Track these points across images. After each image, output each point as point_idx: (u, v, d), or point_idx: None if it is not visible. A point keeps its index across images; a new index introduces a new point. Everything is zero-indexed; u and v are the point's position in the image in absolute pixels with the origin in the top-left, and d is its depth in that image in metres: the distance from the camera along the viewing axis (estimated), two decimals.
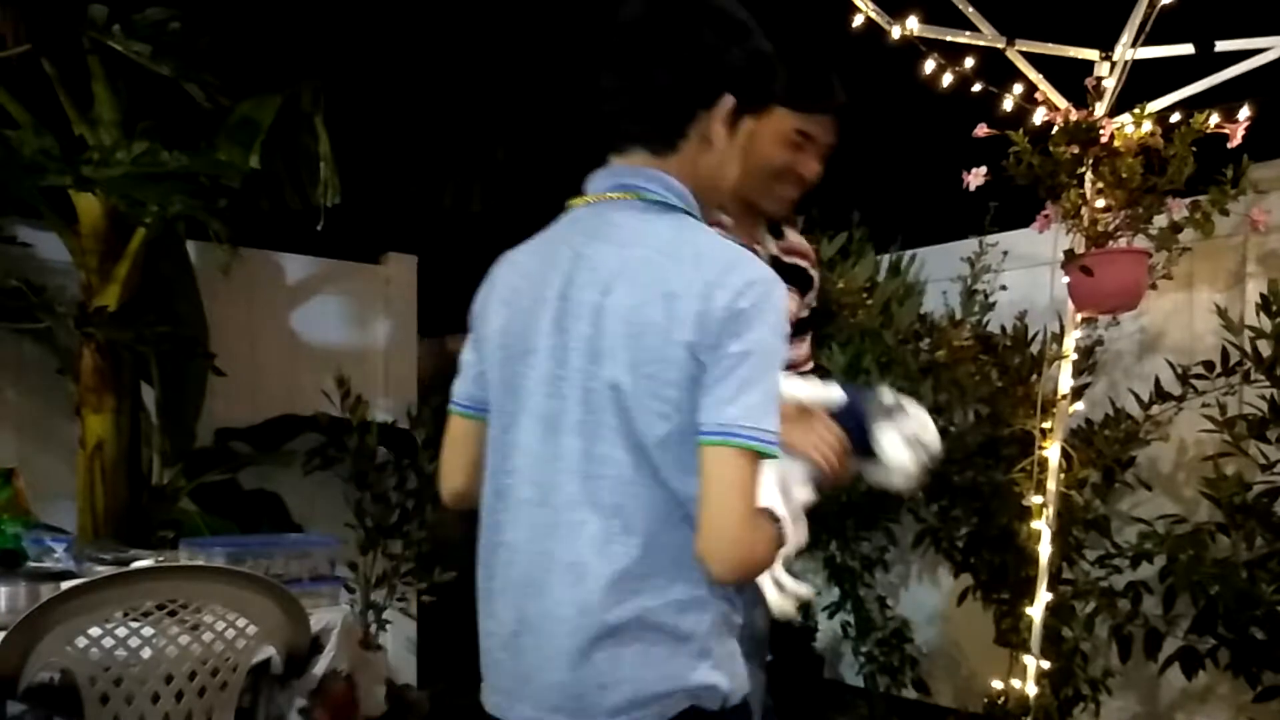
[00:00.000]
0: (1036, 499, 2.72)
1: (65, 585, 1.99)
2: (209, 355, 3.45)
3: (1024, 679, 2.67)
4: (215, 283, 3.66)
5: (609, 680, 1.13)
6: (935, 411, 3.10)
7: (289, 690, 2.13)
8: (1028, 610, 2.68)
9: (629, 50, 1.22)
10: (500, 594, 1.24)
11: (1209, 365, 2.74)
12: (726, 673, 1.18)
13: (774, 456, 1.13)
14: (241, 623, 2.00)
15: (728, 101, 1.22)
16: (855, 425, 1.45)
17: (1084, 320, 2.70)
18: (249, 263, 3.85)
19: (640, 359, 1.13)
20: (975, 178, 2.56)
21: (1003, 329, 3.09)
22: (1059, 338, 2.75)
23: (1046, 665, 2.67)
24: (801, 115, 1.78)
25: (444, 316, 5.19)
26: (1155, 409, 2.84)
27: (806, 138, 1.80)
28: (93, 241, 3.17)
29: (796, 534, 1.27)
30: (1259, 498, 2.62)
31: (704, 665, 1.16)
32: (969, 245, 3.34)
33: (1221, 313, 2.71)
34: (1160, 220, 2.49)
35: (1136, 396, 2.88)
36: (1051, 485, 2.71)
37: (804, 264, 2.00)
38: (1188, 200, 2.50)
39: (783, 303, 1.16)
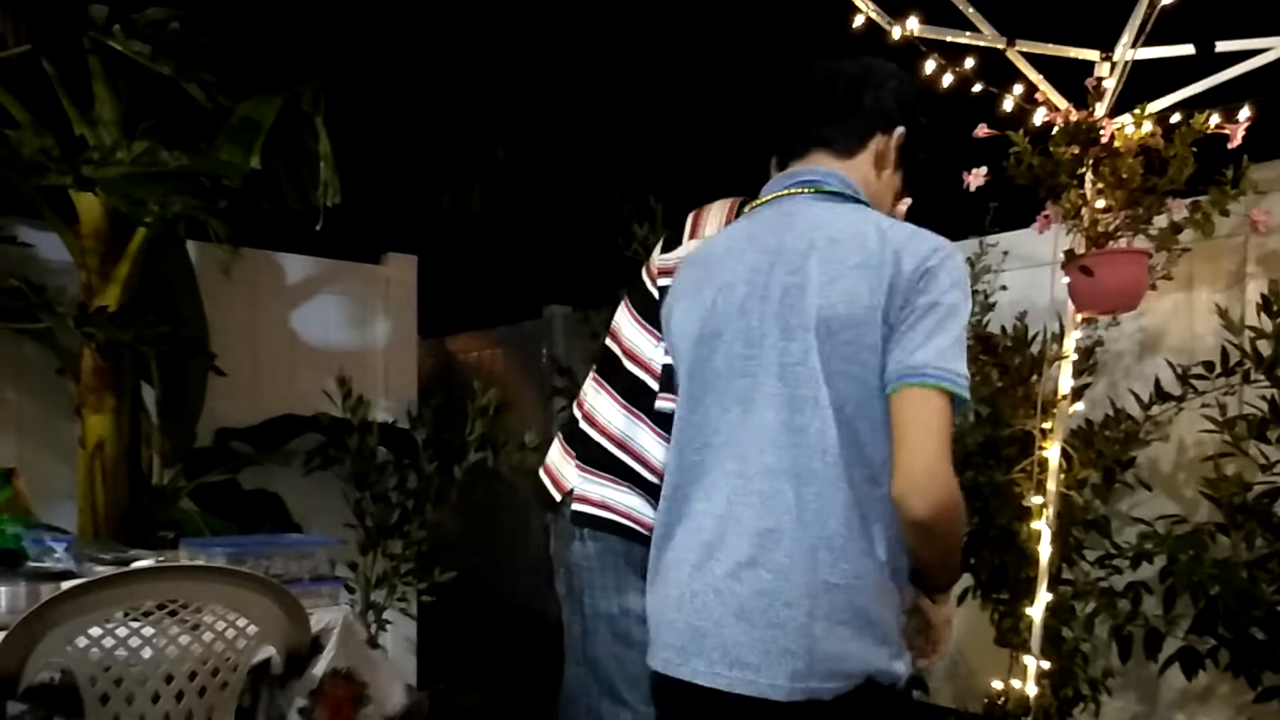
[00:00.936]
0: (1036, 499, 2.72)
1: (65, 585, 1.98)
2: (209, 355, 3.45)
3: (1024, 679, 2.67)
4: (216, 283, 3.66)
5: (795, 646, 1.16)
6: None
7: (289, 690, 2.13)
8: (1028, 610, 2.68)
9: (840, 74, 1.41)
10: (676, 563, 1.27)
11: (1209, 365, 2.74)
12: (901, 652, 1.23)
13: (966, 400, 1.20)
14: (241, 622, 2.00)
15: (900, 130, 1.41)
16: None
17: (1084, 321, 2.70)
18: (249, 263, 3.86)
19: (835, 328, 1.20)
20: (975, 178, 2.57)
21: (1003, 329, 3.09)
22: (1059, 338, 2.75)
23: (1046, 665, 2.67)
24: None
25: (444, 317, 5.21)
26: (1155, 409, 2.84)
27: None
28: (93, 241, 3.16)
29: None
30: (1259, 498, 2.62)
31: (886, 647, 1.20)
32: (969, 245, 3.34)
33: (1222, 313, 2.71)
34: (1160, 221, 2.49)
35: (1136, 397, 2.88)
36: (1051, 485, 2.71)
37: None
38: (1188, 201, 2.50)
39: (963, 266, 1.28)
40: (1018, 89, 2.59)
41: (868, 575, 1.18)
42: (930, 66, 2.54)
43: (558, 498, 1.87)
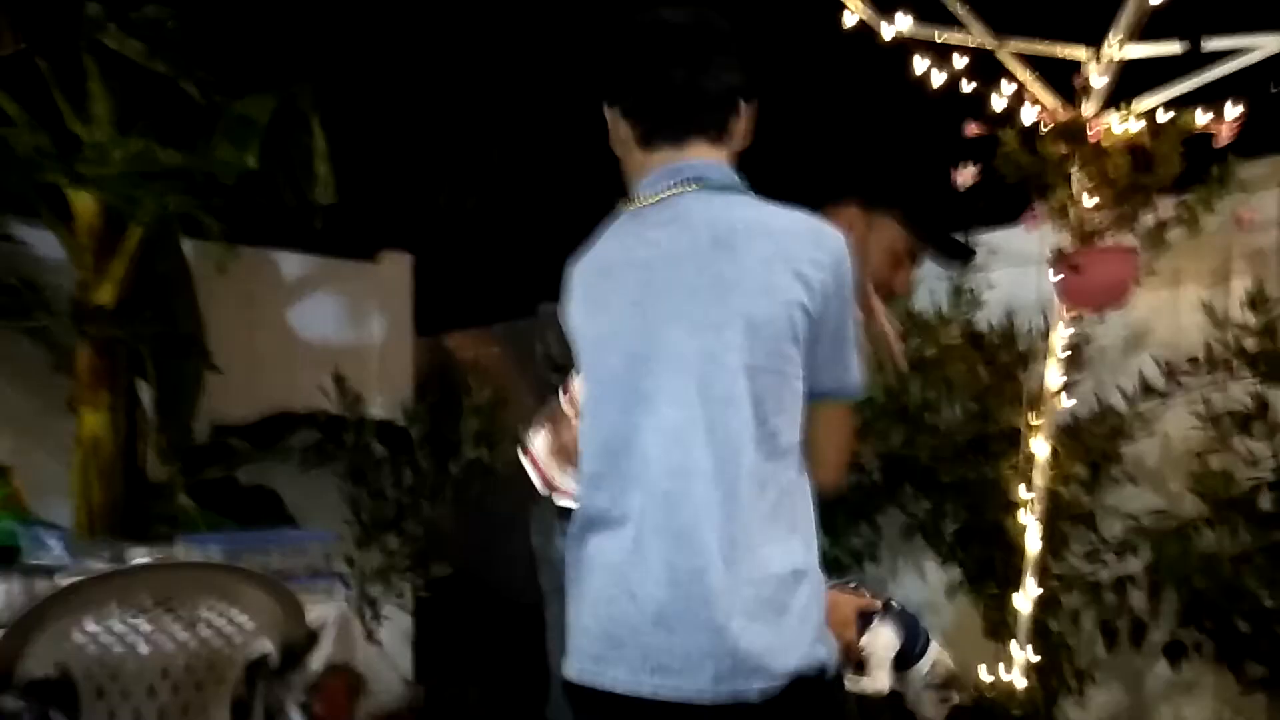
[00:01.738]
0: (1024, 494, 2.75)
1: (62, 582, 2.00)
2: (205, 352, 3.45)
3: (1012, 670, 2.71)
4: (211, 280, 3.66)
5: (716, 648, 1.15)
6: (924, 408, 3.14)
7: (286, 684, 2.15)
8: (1015, 603, 2.72)
9: (694, 48, 1.30)
10: (590, 567, 1.27)
11: (1194, 361, 2.77)
12: (825, 637, 1.22)
13: None
14: (238, 618, 2.01)
15: (752, 102, 1.33)
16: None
17: (1071, 317, 2.72)
18: (245, 261, 3.84)
19: (756, 324, 1.20)
20: (965, 176, 2.59)
21: (991, 326, 3.11)
22: (1046, 335, 2.78)
23: (1034, 657, 2.70)
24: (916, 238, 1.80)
25: (440, 314, 5.22)
26: (1142, 405, 2.87)
27: (911, 258, 1.83)
28: (88, 239, 3.16)
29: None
30: (1244, 492, 2.64)
31: (809, 634, 1.20)
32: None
33: (1208, 309, 2.74)
34: (1148, 219, 2.51)
35: (1123, 393, 2.90)
36: (1039, 480, 2.74)
37: None
38: (1175, 199, 2.52)
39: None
40: (1008, 87, 2.61)
41: (790, 569, 1.18)
42: (921, 65, 2.56)
43: (543, 492, 1.87)
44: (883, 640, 1.75)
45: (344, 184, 3.10)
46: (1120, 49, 2.52)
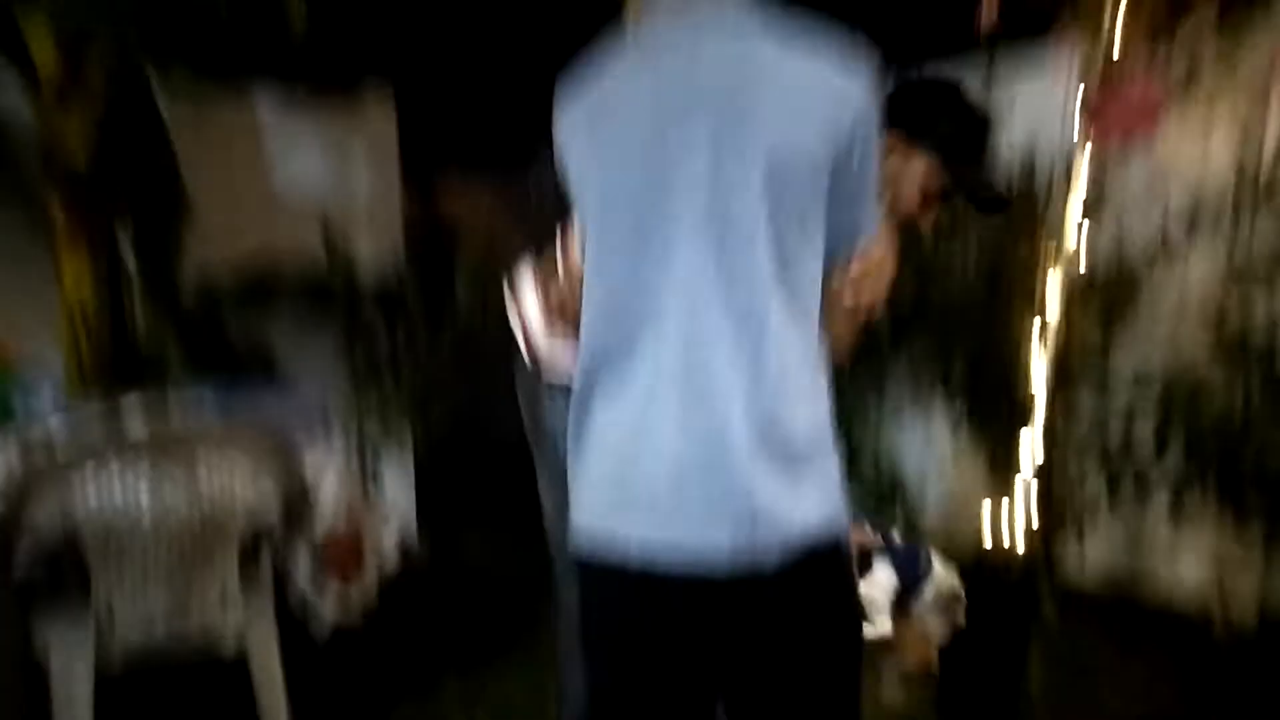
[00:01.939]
0: (1036, 344, 2.70)
1: (58, 443, 1.97)
2: (183, 198, 3.32)
3: (1013, 524, 2.72)
4: (186, 125, 3.48)
5: (736, 512, 1.09)
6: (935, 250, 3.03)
7: (289, 538, 2.15)
8: (1020, 455, 2.70)
9: None
10: (601, 430, 1.17)
11: (1220, 203, 2.65)
12: (843, 506, 1.16)
13: None
14: (236, 472, 2.00)
15: None
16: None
17: (1094, 153, 2.58)
18: (221, 106, 3.65)
19: (781, 169, 1.08)
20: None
21: (1012, 163, 2.96)
22: (1068, 173, 2.64)
23: (1036, 510, 2.72)
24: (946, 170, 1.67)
25: (430, 166, 4.99)
26: (1161, 249, 2.77)
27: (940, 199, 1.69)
28: (52, 85, 2.97)
29: None
30: (1259, 340, 2.59)
31: (829, 501, 1.14)
32: (978, 63, 3.13)
33: (1239, 148, 2.60)
34: (1182, 49, 2.35)
35: (1143, 237, 2.80)
36: (1052, 330, 2.68)
37: None
38: (1212, 24, 2.34)
39: None
40: None
41: (808, 430, 1.10)
42: None
43: (528, 364, 1.80)
44: (881, 584, 1.70)
45: (320, 14, 2.87)
46: None
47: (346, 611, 2.19)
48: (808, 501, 1.09)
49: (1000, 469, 2.92)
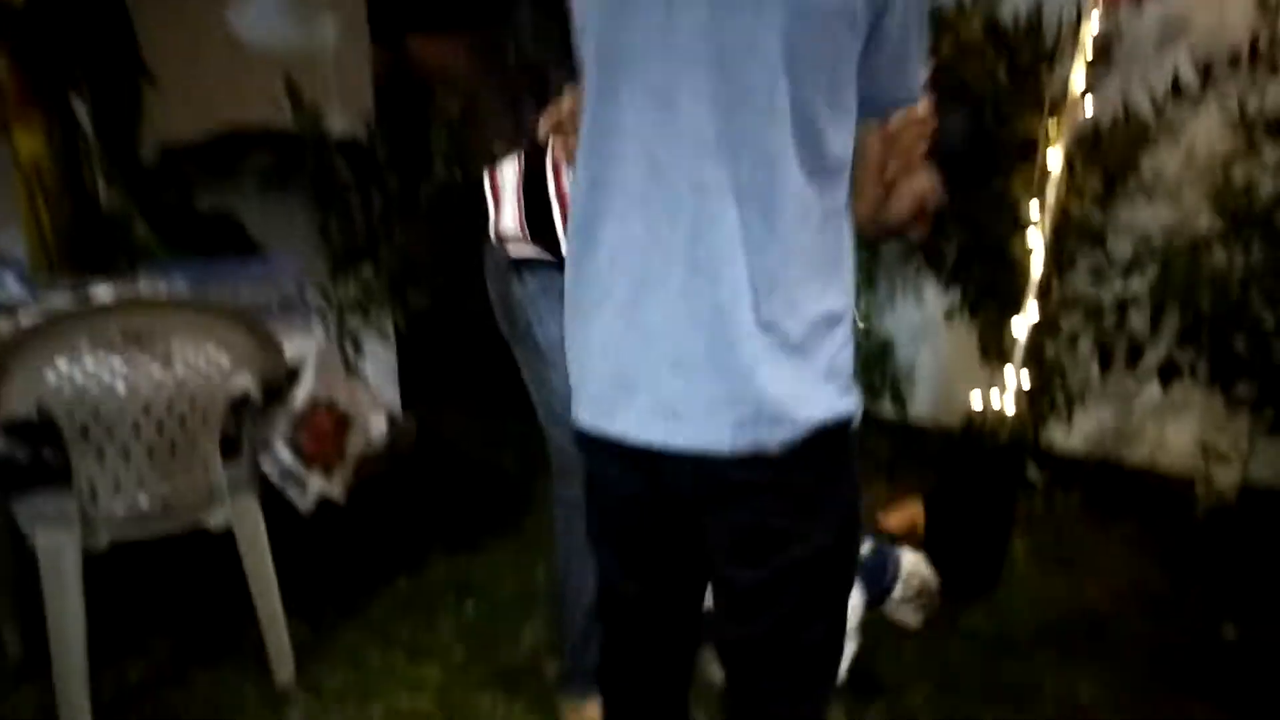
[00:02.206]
0: (1034, 209, 2.63)
1: (24, 320, 1.90)
2: (140, 60, 3.13)
3: (1003, 394, 2.71)
4: None
5: (738, 392, 1.03)
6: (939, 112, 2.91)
7: (271, 421, 2.11)
8: (1013, 326, 2.67)
9: None
10: (595, 303, 1.07)
11: (1235, 57, 2.53)
12: (851, 388, 1.09)
13: None
14: (212, 353, 1.94)
15: None
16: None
17: (1104, 4, 2.44)
18: None
19: (797, 15, 0.94)
20: None
21: (1015, 18, 2.80)
22: (1076, 26, 2.50)
23: (1026, 380, 2.70)
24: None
25: (399, 19, 4.71)
26: (1169, 107, 2.66)
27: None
28: None
29: None
30: (1264, 206, 2.53)
31: (834, 383, 1.07)
32: None
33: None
34: None
35: (1151, 96, 2.68)
36: (1051, 194, 2.60)
37: None
38: None
39: None
40: None
41: (818, 317, 1.01)
42: None
43: (493, 238, 1.73)
44: (850, 606, 1.69)
45: None
46: None
47: (331, 489, 2.18)
48: (817, 385, 1.03)
49: (994, 338, 2.89)
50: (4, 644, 2.18)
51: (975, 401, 2.76)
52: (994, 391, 2.74)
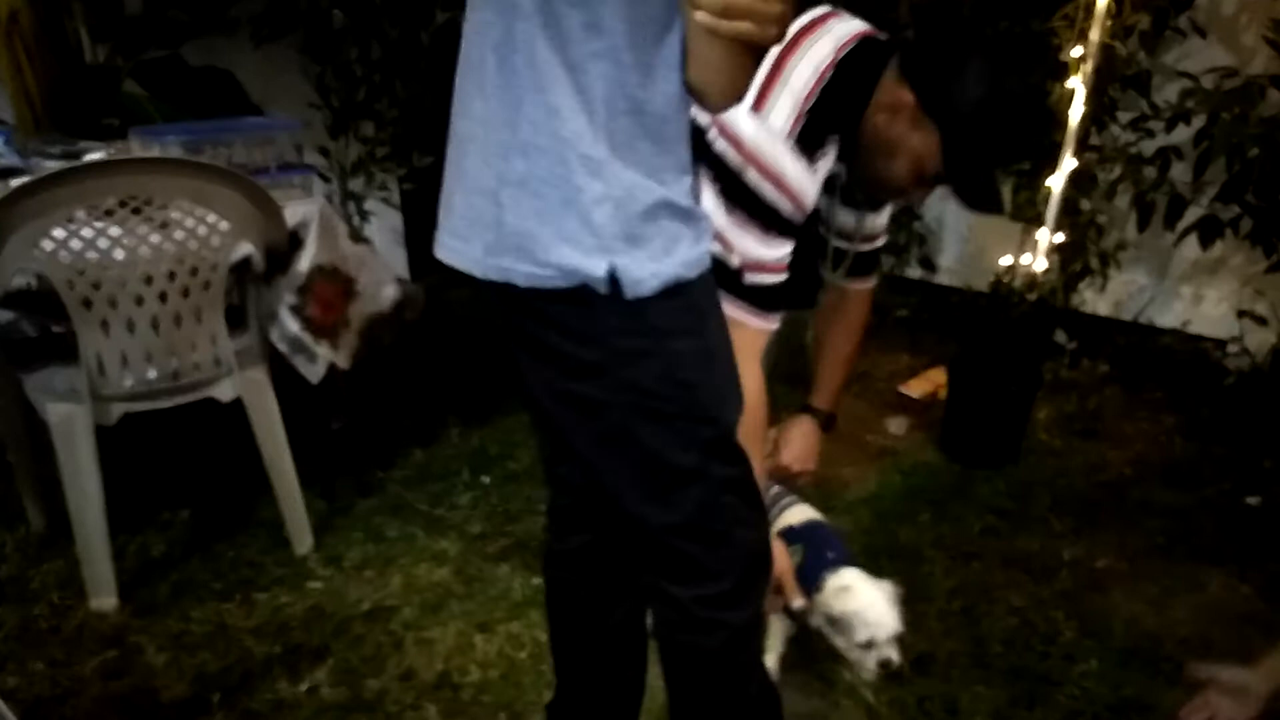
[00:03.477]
0: (1075, 51, 2.45)
1: (14, 184, 1.81)
2: None
3: (1035, 254, 2.60)
4: None
5: (487, 216, 1.07)
6: None
7: (275, 288, 2.05)
8: (1048, 180, 2.53)
9: None
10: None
11: None
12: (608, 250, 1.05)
13: None
14: (211, 219, 1.86)
15: None
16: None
17: None
18: None
19: None
20: None
21: None
22: None
23: (1060, 238, 2.58)
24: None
25: None
26: None
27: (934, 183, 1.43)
28: None
29: None
30: None
31: (588, 239, 1.04)
32: None
33: None
34: None
35: None
36: (1094, 33, 2.42)
37: None
38: None
39: None
40: None
41: (580, 151, 0.98)
42: None
43: None
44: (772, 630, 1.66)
45: None
46: None
47: (338, 357, 2.13)
48: (566, 229, 1.01)
49: (1026, 194, 2.75)
50: (27, 517, 2.20)
51: (1005, 262, 2.66)
52: (1025, 254, 2.63)
